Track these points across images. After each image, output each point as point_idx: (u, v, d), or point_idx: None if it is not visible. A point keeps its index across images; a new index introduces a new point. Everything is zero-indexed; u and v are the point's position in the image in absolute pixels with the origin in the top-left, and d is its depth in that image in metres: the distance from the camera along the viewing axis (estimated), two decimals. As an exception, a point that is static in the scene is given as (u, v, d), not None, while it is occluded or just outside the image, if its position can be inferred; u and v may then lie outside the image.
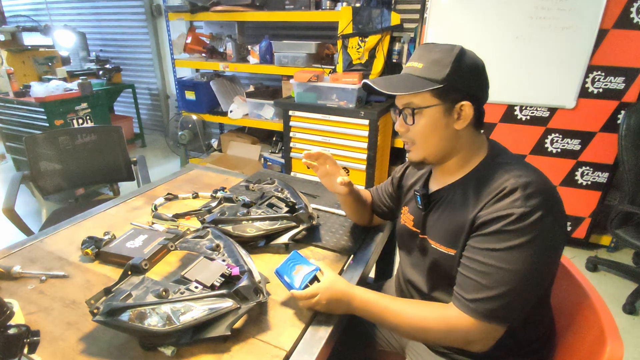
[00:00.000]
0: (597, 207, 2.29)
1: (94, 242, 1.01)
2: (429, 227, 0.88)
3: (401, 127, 0.83)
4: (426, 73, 0.77)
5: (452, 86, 0.75)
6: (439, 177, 0.89)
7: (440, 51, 0.77)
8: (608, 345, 0.70)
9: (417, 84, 0.77)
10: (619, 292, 2.05)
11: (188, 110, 3.40)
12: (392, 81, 0.82)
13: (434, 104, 0.77)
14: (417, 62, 0.79)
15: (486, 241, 0.72)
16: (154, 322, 0.69)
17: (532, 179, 0.72)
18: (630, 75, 2.00)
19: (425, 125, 0.79)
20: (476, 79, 0.78)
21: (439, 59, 0.76)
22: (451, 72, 0.74)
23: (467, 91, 0.77)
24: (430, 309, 0.79)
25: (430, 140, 0.80)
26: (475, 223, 0.75)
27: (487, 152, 0.83)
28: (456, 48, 0.76)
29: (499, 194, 0.72)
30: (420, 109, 0.78)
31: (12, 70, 2.82)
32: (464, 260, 0.76)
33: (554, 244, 0.72)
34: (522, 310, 0.72)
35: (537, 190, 0.70)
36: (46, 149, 1.81)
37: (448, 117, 0.78)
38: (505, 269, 0.70)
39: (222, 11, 2.97)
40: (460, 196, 0.81)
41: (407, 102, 0.79)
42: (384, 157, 2.77)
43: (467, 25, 2.20)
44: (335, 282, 0.81)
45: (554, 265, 0.77)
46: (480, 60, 0.79)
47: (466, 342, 0.75)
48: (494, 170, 0.78)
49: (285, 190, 1.24)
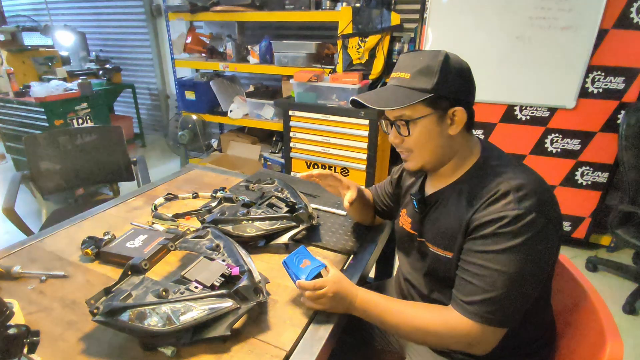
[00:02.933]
0: (597, 207, 2.29)
1: (94, 242, 1.01)
2: (426, 230, 0.88)
3: (395, 139, 0.83)
4: (414, 83, 0.76)
5: (442, 93, 0.75)
6: (434, 180, 0.89)
7: (425, 59, 0.76)
8: (608, 345, 0.70)
9: (407, 95, 0.76)
10: (619, 292, 2.05)
11: (188, 110, 3.40)
12: (381, 95, 0.81)
13: (427, 114, 0.77)
14: (403, 72, 0.79)
15: (481, 244, 0.73)
16: (154, 322, 0.69)
17: (525, 180, 0.72)
18: (630, 75, 2.00)
19: (420, 134, 0.79)
20: (464, 83, 0.78)
21: (425, 67, 0.75)
22: (439, 79, 0.74)
23: (457, 96, 0.77)
24: (430, 311, 0.79)
25: (427, 148, 0.80)
26: (470, 226, 0.75)
27: (479, 153, 0.83)
28: (440, 54, 0.76)
29: (492, 197, 0.73)
30: (414, 120, 0.78)
31: (12, 70, 2.82)
32: (461, 263, 0.77)
33: (548, 245, 0.72)
34: (519, 312, 0.73)
35: (529, 192, 0.70)
36: (46, 149, 1.81)
37: (441, 124, 0.78)
38: (500, 271, 0.70)
39: (222, 11, 2.97)
40: (455, 199, 0.81)
41: (399, 115, 0.79)
42: (384, 157, 2.77)
43: (467, 26, 2.20)
44: (342, 279, 0.82)
45: (550, 266, 0.77)
46: (465, 63, 0.79)
47: (467, 345, 0.75)
48: (486, 173, 0.78)
49: (285, 190, 1.24)
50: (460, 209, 0.78)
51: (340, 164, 2.63)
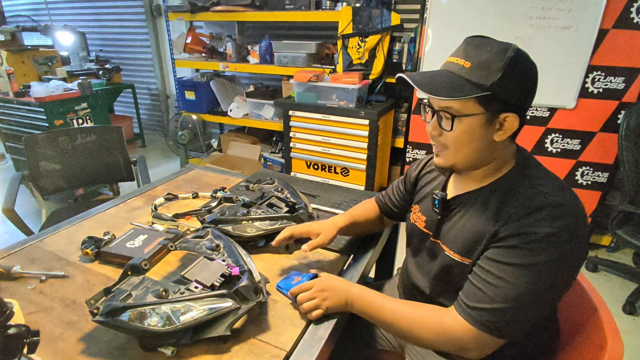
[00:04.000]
0: (597, 207, 2.29)
1: (94, 242, 1.01)
2: (443, 233, 0.84)
3: (434, 131, 0.76)
4: (473, 75, 0.68)
5: (499, 94, 0.68)
6: (461, 181, 0.84)
7: (492, 50, 0.68)
8: (608, 346, 0.70)
9: (461, 87, 0.68)
10: (619, 292, 2.05)
11: (188, 110, 3.40)
12: (432, 79, 0.71)
13: (477, 113, 0.70)
14: (462, 60, 0.70)
15: (503, 254, 0.69)
16: (154, 322, 0.69)
17: (563, 199, 0.68)
18: (630, 75, 2.00)
19: (462, 133, 0.72)
20: (527, 89, 0.70)
21: (489, 60, 0.68)
22: (502, 78, 0.66)
23: (515, 101, 0.70)
24: (427, 310, 0.77)
25: (465, 149, 0.74)
26: (496, 235, 0.71)
27: (515, 161, 0.77)
28: (510, 50, 0.68)
29: (525, 210, 0.69)
30: (460, 117, 0.71)
31: (12, 70, 2.82)
32: (476, 268, 0.73)
33: (572, 270, 0.70)
34: (523, 328, 0.70)
35: (565, 212, 0.66)
36: (46, 149, 1.81)
37: (488, 127, 0.71)
38: (515, 285, 0.67)
39: (222, 11, 2.97)
40: (481, 205, 0.76)
41: (446, 106, 0.72)
42: (384, 157, 2.77)
43: (467, 26, 2.20)
44: (332, 276, 0.83)
45: (567, 288, 0.74)
46: (534, 65, 0.71)
47: (459, 348, 0.73)
48: (521, 184, 0.73)
49: (285, 190, 1.24)
50: (488, 217, 0.74)
51: (340, 164, 2.63)
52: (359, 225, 1.08)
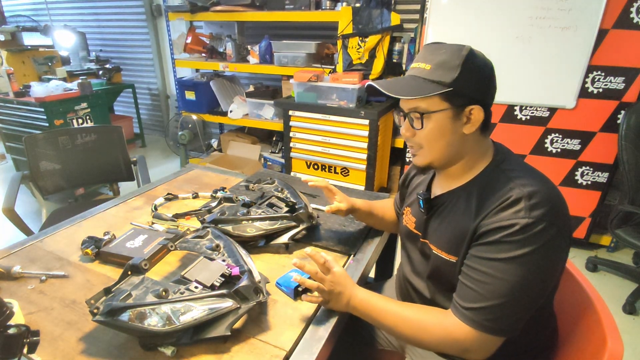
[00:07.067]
0: (597, 207, 2.29)
1: (94, 242, 1.01)
2: (430, 232, 0.86)
3: (407, 132, 0.81)
4: (434, 75, 0.74)
5: (461, 89, 0.73)
6: (442, 181, 0.87)
7: (448, 52, 0.74)
8: (608, 345, 0.70)
9: (424, 87, 0.74)
10: (619, 292, 2.05)
11: (188, 110, 3.40)
12: (398, 83, 0.79)
13: (443, 109, 0.74)
14: (423, 63, 0.76)
15: (487, 250, 0.71)
16: (154, 322, 0.69)
17: (537, 188, 0.70)
18: (630, 75, 2.00)
19: (432, 129, 0.76)
20: (486, 82, 0.76)
21: (446, 60, 0.73)
22: (460, 74, 0.72)
23: (476, 94, 0.74)
24: (428, 314, 0.78)
25: (438, 144, 0.78)
26: (477, 232, 0.73)
27: (492, 156, 0.80)
28: (465, 49, 0.73)
29: (502, 203, 0.71)
30: (428, 114, 0.76)
31: (12, 70, 2.82)
32: (465, 268, 0.75)
33: (556, 257, 0.70)
34: (520, 322, 0.71)
35: (541, 201, 0.68)
36: (46, 149, 1.81)
37: (456, 121, 0.75)
38: (504, 280, 0.69)
39: (222, 11, 2.97)
40: (464, 202, 0.79)
41: (414, 106, 0.77)
42: (384, 157, 2.77)
43: (467, 26, 2.20)
44: (347, 275, 0.83)
45: (556, 277, 0.76)
46: (489, 62, 0.76)
47: (462, 350, 0.74)
48: (498, 178, 0.76)
49: (285, 190, 1.24)
50: (469, 214, 0.76)
51: (340, 164, 2.63)
52: (375, 217, 1.13)
